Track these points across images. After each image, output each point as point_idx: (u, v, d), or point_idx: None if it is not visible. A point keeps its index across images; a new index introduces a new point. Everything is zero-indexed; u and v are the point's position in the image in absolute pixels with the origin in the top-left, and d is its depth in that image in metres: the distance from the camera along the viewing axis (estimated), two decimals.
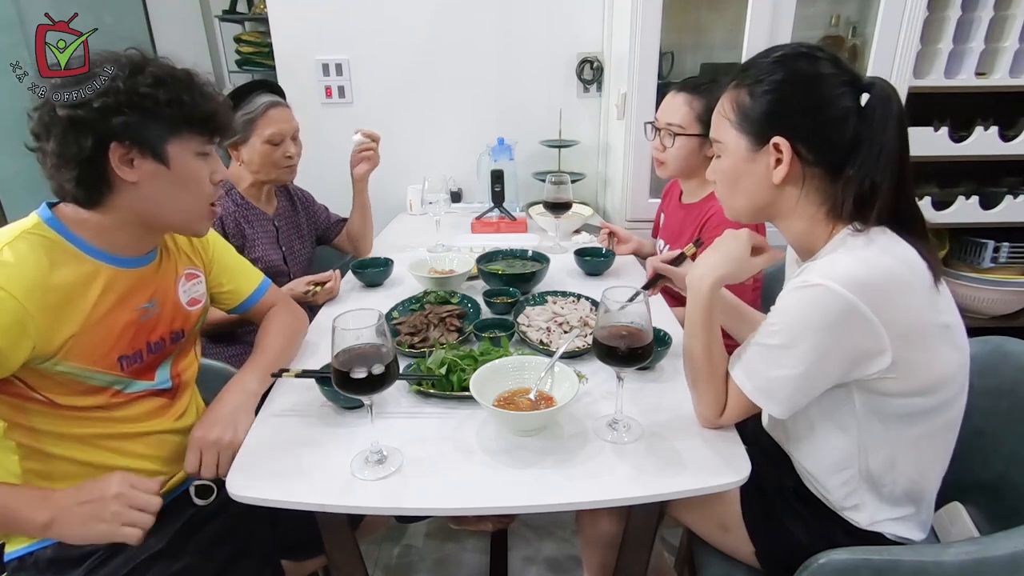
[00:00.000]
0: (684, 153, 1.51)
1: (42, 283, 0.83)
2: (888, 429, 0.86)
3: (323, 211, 1.84)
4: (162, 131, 0.87)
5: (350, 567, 0.98)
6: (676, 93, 1.51)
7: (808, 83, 0.85)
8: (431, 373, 1.05)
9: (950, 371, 0.85)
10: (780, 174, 0.86)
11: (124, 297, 0.94)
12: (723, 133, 0.92)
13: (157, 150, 0.87)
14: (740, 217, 0.97)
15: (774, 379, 0.85)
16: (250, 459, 0.91)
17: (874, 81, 0.85)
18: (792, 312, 0.83)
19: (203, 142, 0.92)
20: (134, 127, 0.84)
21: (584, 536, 1.23)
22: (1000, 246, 2.05)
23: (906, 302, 0.80)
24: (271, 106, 1.53)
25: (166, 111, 0.86)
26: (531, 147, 2.37)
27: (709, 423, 0.95)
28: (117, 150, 0.84)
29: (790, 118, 0.85)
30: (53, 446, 0.90)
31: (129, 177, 0.86)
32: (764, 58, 0.89)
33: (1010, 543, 0.78)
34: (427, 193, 1.81)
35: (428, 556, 1.74)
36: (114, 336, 0.92)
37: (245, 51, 2.82)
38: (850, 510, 0.93)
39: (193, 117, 0.89)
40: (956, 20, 1.85)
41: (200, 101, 0.89)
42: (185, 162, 0.90)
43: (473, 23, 2.27)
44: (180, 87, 0.87)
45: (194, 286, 1.08)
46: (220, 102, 0.94)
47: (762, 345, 0.87)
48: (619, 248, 1.73)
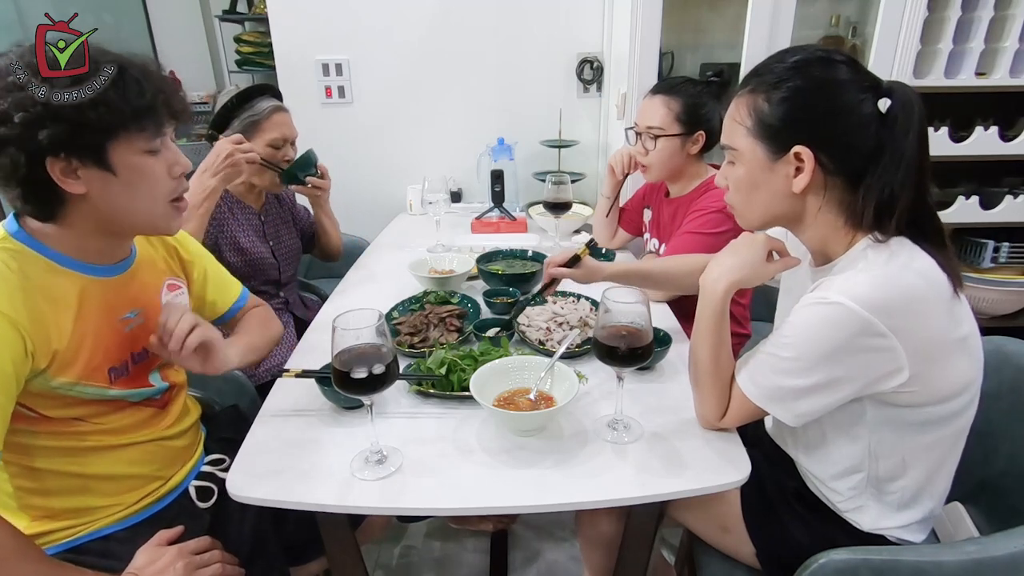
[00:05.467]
0: (667, 154, 1.51)
1: (22, 294, 0.80)
2: (900, 437, 0.86)
3: (303, 212, 1.84)
4: (97, 138, 0.78)
5: (350, 567, 0.98)
6: (652, 96, 1.51)
7: (829, 89, 0.82)
8: (431, 373, 1.05)
9: (965, 381, 0.84)
10: (801, 184, 0.83)
11: (106, 308, 0.90)
12: (737, 140, 0.88)
13: (98, 157, 0.79)
14: (753, 226, 0.94)
15: (783, 387, 0.84)
16: (250, 459, 0.91)
17: (894, 86, 0.82)
18: (808, 328, 0.81)
19: (148, 138, 0.83)
20: (64, 140, 0.75)
21: (584, 536, 1.23)
22: (1000, 246, 2.05)
23: (925, 320, 0.78)
24: (276, 110, 1.55)
25: (92, 116, 0.76)
26: (531, 147, 2.37)
27: (709, 425, 0.95)
28: (55, 164, 0.77)
29: (812, 126, 0.82)
30: (44, 461, 0.88)
31: (76, 189, 0.80)
32: (779, 62, 0.85)
33: (1010, 543, 0.78)
34: (427, 193, 1.81)
35: (428, 556, 1.74)
36: (103, 348, 0.89)
37: (245, 51, 2.83)
38: (853, 512, 0.93)
39: (125, 115, 0.79)
40: (956, 20, 1.85)
41: (133, 96, 0.79)
42: (134, 164, 0.83)
43: (473, 23, 2.27)
44: (104, 84, 0.77)
45: (176, 297, 1.04)
46: (158, 88, 0.83)
47: (773, 355, 0.85)
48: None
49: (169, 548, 0.89)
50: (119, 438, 0.94)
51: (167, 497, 1.01)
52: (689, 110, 1.47)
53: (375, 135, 2.40)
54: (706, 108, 1.49)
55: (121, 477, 0.95)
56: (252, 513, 0.96)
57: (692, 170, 1.55)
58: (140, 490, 0.97)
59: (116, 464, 0.94)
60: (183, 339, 0.90)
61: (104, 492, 0.94)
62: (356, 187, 2.36)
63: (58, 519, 0.91)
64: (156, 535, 0.91)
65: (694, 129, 1.49)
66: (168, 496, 1.01)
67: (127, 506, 0.96)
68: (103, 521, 0.94)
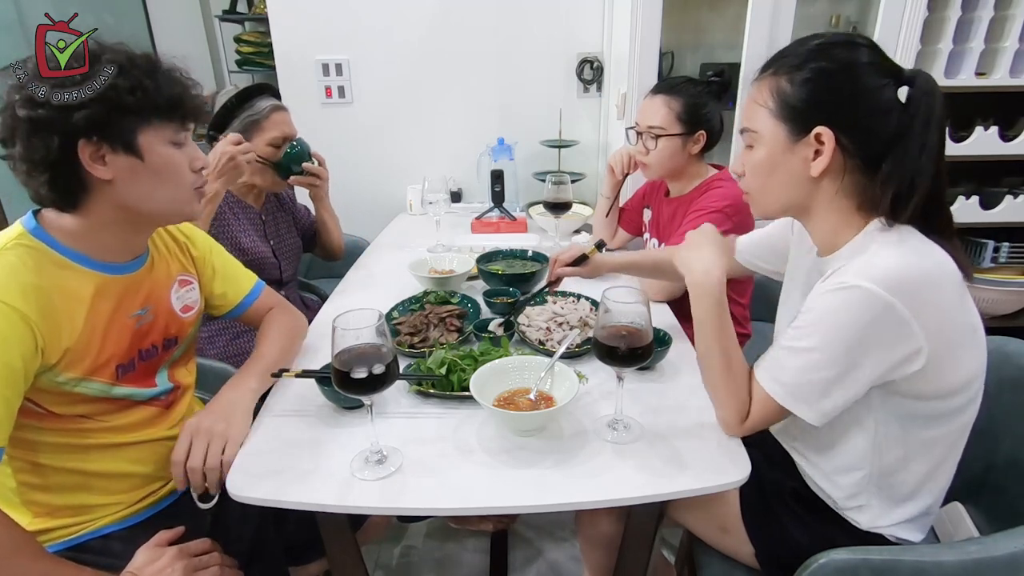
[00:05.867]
0: (668, 154, 1.51)
1: (35, 291, 0.81)
2: (906, 431, 0.86)
3: (304, 211, 1.85)
4: (130, 122, 0.82)
5: (350, 568, 0.98)
6: (653, 96, 1.52)
7: (852, 71, 0.81)
8: (431, 373, 1.05)
9: (971, 374, 0.84)
10: (820, 166, 0.83)
11: (118, 305, 0.92)
12: (759, 122, 0.87)
13: (128, 143, 0.82)
14: (769, 212, 0.93)
15: (808, 382, 0.83)
16: (250, 459, 0.91)
17: (916, 74, 0.82)
18: (828, 314, 0.80)
19: (176, 129, 0.88)
20: (99, 121, 0.79)
21: (584, 536, 1.23)
22: (1000, 246, 2.05)
23: (940, 301, 0.78)
24: (275, 110, 1.56)
25: (130, 100, 0.80)
26: (531, 147, 2.37)
27: (733, 431, 0.92)
28: (86, 148, 0.80)
29: (834, 107, 0.82)
30: (48, 457, 0.88)
31: (103, 175, 0.82)
32: (802, 46, 0.85)
33: (1010, 543, 0.78)
34: (427, 193, 1.81)
35: (428, 556, 1.74)
36: (112, 345, 0.90)
37: (245, 51, 2.83)
38: (853, 510, 0.93)
39: (159, 103, 0.84)
40: (956, 20, 1.85)
41: (165, 85, 0.84)
42: (160, 152, 0.86)
43: (473, 23, 2.27)
44: (141, 73, 0.82)
45: (187, 292, 1.05)
46: (187, 86, 0.88)
47: (792, 348, 0.84)
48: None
49: (169, 548, 0.89)
50: (123, 436, 0.94)
51: (168, 497, 1.01)
52: (690, 110, 1.48)
53: (375, 135, 2.40)
54: (707, 108, 1.49)
55: (123, 475, 0.95)
56: (253, 514, 0.96)
57: (692, 170, 1.56)
58: (141, 489, 0.98)
59: (118, 462, 0.94)
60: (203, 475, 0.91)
61: (105, 490, 0.94)
62: (356, 187, 2.36)
63: (59, 516, 0.91)
64: (156, 535, 0.91)
65: (695, 129, 1.49)
66: (169, 496, 1.01)
67: (128, 505, 0.96)
68: (103, 520, 0.94)
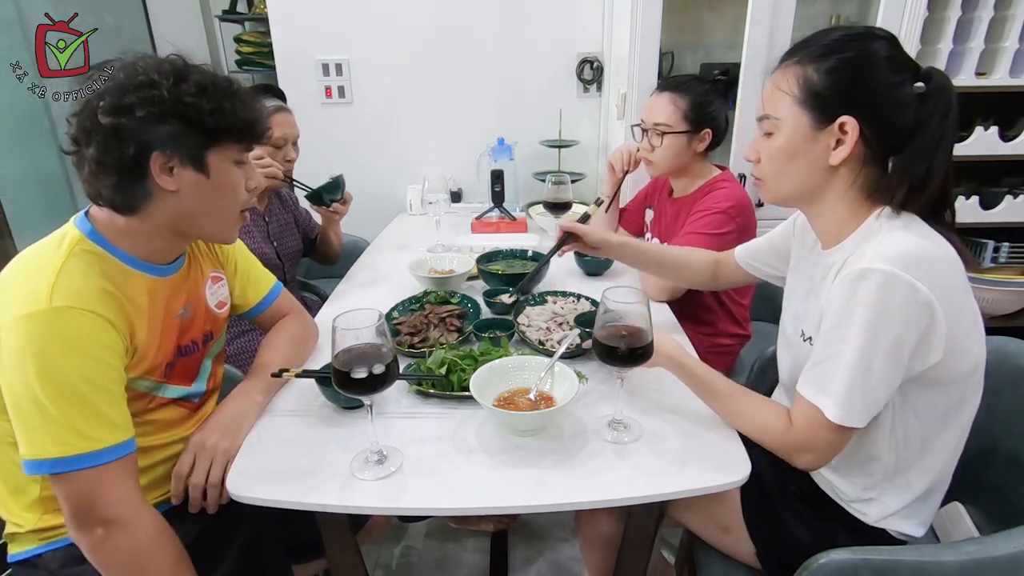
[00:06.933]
0: (673, 151, 1.51)
1: (110, 296, 0.84)
2: (921, 422, 0.86)
3: (305, 213, 1.85)
4: (203, 140, 0.86)
5: (350, 568, 0.98)
6: (660, 93, 1.52)
7: (876, 63, 0.83)
8: (431, 373, 1.05)
9: (979, 358, 0.86)
10: (840, 155, 0.84)
11: (166, 305, 0.95)
12: (781, 109, 0.88)
13: (198, 159, 0.86)
14: (779, 198, 0.94)
15: (856, 389, 0.80)
16: (250, 459, 0.91)
17: (933, 70, 0.84)
18: (854, 304, 0.79)
19: (241, 150, 0.92)
20: (177, 137, 0.83)
21: (584, 536, 1.23)
22: (1000, 246, 2.05)
23: (951, 282, 0.80)
24: (277, 110, 1.57)
25: (208, 120, 0.85)
26: (531, 147, 2.37)
27: (785, 436, 0.88)
28: (158, 159, 0.83)
29: (860, 98, 0.83)
30: None
31: (169, 186, 0.85)
32: (826, 36, 0.86)
33: (1010, 543, 0.78)
34: (427, 193, 1.81)
35: (428, 556, 1.74)
36: (166, 344, 0.94)
37: (245, 51, 2.82)
38: (862, 503, 0.93)
39: (234, 126, 0.88)
40: (956, 20, 1.85)
41: (240, 109, 0.88)
42: (224, 171, 0.90)
43: (473, 23, 2.27)
44: (221, 95, 0.86)
45: (219, 288, 1.09)
46: (259, 109, 0.93)
47: (830, 357, 0.82)
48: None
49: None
50: (152, 438, 0.95)
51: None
52: (696, 108, 1.48)
53: (375, 135, 2.40)
54: (713, 106, 1.49)
55: (142, 473, 0.94)
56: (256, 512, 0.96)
57: (697, 168, 1.55)
58: (157, 490, 0.97)
59: (141, 460, 0.93)
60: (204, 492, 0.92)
61: None
62: (356, 187, 2.32)
63: None
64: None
65: (701, 127, 1.49)
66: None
67: None
68: None
